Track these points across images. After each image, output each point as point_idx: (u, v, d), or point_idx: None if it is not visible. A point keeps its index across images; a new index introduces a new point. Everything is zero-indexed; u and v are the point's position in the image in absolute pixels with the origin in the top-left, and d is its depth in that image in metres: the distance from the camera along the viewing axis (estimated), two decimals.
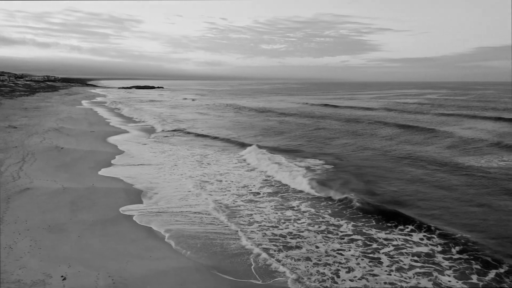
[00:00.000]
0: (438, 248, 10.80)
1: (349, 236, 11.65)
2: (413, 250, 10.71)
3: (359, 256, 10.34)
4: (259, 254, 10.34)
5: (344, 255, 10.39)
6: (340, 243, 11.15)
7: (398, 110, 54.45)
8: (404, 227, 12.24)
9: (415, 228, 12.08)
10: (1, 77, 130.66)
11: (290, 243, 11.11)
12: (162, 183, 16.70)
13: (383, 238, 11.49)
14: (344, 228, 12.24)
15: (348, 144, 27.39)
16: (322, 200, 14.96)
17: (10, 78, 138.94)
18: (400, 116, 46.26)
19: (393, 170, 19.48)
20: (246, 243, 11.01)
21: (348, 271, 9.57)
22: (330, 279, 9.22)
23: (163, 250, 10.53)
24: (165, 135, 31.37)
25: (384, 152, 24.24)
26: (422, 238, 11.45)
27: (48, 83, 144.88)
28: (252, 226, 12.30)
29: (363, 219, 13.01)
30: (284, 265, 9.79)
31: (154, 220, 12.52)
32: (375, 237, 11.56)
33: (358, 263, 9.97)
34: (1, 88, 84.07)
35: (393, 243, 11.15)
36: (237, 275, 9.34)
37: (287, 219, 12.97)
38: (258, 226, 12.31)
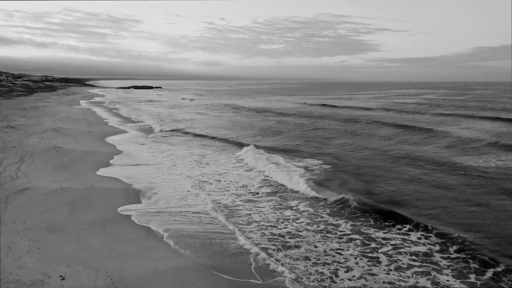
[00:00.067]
0: (436, 247, 10.84)
1: (348, 236, 11.68)
2: (411, 250, 10.75)
3: (358, 256, 10.37)
4: (258, 254, 10.36)
5: (343, 255, 10.42)
6: (339, 243, 11.18)
7: (397, 110, 54.55)
8: (402, 226, 12.27)
9: (413, 228, 12.11)
10: None
11: (289, 243, 11.13)
12: (161, 183, 16.70)
13: (381, 238, 11.52)
14: (343, 228, 12.28)
15: (347, 144, 27.43)
16: (321, 200, 14.98)
17: (8, 78, 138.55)
18: (399, 116, 46.35)
19: (391, 170, 19.53)
20: (245, 243, 11.02)
21: (347, 271, 9.60)
22: (329, 279, 9.24)
23: (162, 250, 10.54)
24: (164, 135, 31.36)
25: (383, 152, 24.29)
26: (420, 238, 11.49)
27: (46, 83, 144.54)
28: (251, 226, 12.32)
29: (361, 219, 13.05)
30: (283, 265, 9.81)
31: (153, 220, 12.53)
32: (374, 237, 11.59)
33: (357, 263, 10.00)
34: None
35: (391, 243, 11.19)
36: (236, 275, 9.36)
37: (286, 219, 13.00)
38: (257, 226, 12.33)
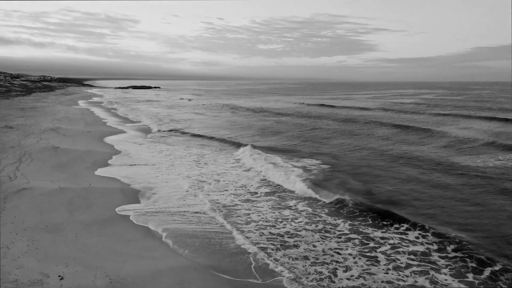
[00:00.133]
0: (434, 247, 10.88)
1: (346, 235, 11.71)
2: (409, 249, 10.79)
3: (357, 255, 10.40)
4: (257, 253, 10.37)
5: (342, 254, 10.45)
6: (338, 242, 11.20)
7: (395, 110, 54.63)
8: (400, 226, 12.32)
9: (410, 227, 12.15)
10: None
11: (288, 242, 11.15)
12: (159, 183, 16.70)
13: (380, 237, 11.56)
14: (341, 227, 12.30)
15: (345, 144, 27.47)
16: (319, 200, 15.00)
17: (6, 78, 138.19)
18: (397, 116, 46.42)
19: (390, 170, 19.57)
20: (244, 242, 11.03)
21: (346, 270, 9.62)
22: (328, 278, 9.27)
23: (161, 250, 10.55)
24: (162, 135, 31.35)
25: (381, 152, 24.33)
26: (418, 237, 11.52)
27: (44, 83, 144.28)
28: (250, 225, 12.33)
29: (360, 218, 13.08)
30: (282, 264, 9.83)
31: (152, 220, 12.53)
32: (372, 236, 11.63)
33: (356, 262, 10.02)
34: None
35: (390, 242, 11.22)
36: (235, 274, 9.37)
37: (285, 218, 13.02)
38: (256, 225, 12.35)
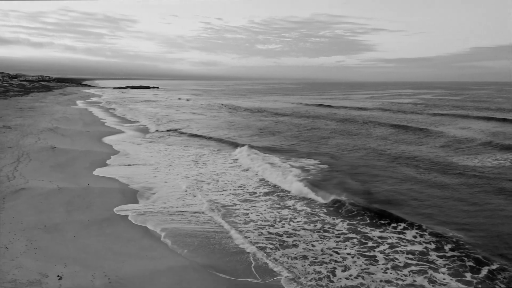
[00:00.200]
0: (432, 246, 10.91)
1: (345, 235, 11.73)
2: (408, 248, 10.82)
3: (355, 255, 10.42)
4: (256, 253, 10.39)
5: (340, 254, 10.47)
6: (336, 242, 11.23)
7: (393, 110, 54.73)
8: (397, 225, 12.36)
9: (408, 226, 12.19)
10: None
11: (287, 242, 11.17)
12: (158, 183, 16.70)
13: (378, 237, 11.58)
14: (340, 227, 12.33)
15: (343, 144, 27.51)
16: (317, 200, 15.01)
17: (4, 78, 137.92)
18: (395, 116, 46.51)
19: (388, 170, 19.61)
20: (243, 242, 11.04)
21: (344, 270, 9.64)
22: (327, 278, 9.29)
23: (160, 249, 10.55)
24: (160, 135, 31.34)
25: (379, 152, 24.38)
26: (416, 236, 11.56)
27: (43, 83, 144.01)
28: (249, 225, 12.34)
29: (358, 217, 13.11)
30: (281, 264, 9.85)
31: (150, 220, 12.53)
32: (370, 236, 11.65)
33: (354, 262, 10.05)
34: None
35: (388, 241, 11.25)
36: (234, 274, 9.38)
37: (283, 218, 13.03)
38: (255, 225, 12.36)
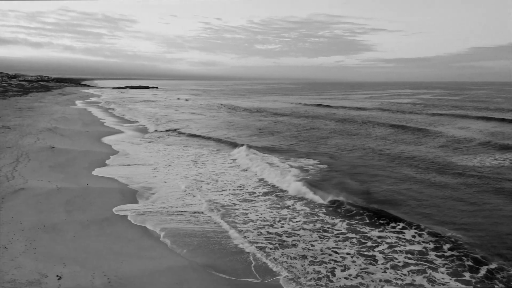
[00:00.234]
0: (431, 246, 10.93)
1: (344, 234, 11.75)
2: (407, 248, 10.83)
3: (354, 254, 10.44)
4: (255, 253, 10.40)
5: (339, 253, 10.49)
6: (335, 242, 11.24)
7: (392, 110, 54.78)
8: (396, 224, 12.38)
9: (406, 226, 12.21)
10: None
11: (286, 242, 11.18)
12: (157, 183, 16.70)
13: (377, 236, 11.60)
14: (339, 227, 12.34)
15: (342, 144, 27.53)
16: (316, 200, 15.02)
17: (3, 78, 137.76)
18: (394, 116, 46.56)
19: (387, 169, 19.64)
20: (242, 242, 11.06)
21: (344, 269, 9.66)
22: (326, 277, 9.30)
23: (159, 249, 10.55)
24: (160, 135, 31.34)
25: (378, 152, 24.40)
26: (414, 236, 11.58)
27: (42, 83, 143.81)
28: (248, 225, 12.35)
29: (357, 217, 13.12)
30: (281, 264, 9.86)
31: (149, 220, 12.53)
32: (369, 235, 11.67)
33: (354, 261, 10.06)
34: None
35: (387, 241, 11.27)
36: (234, 274, 9.39)
37: (283, 218, 13.05)
38: (254, 225, 12.37)
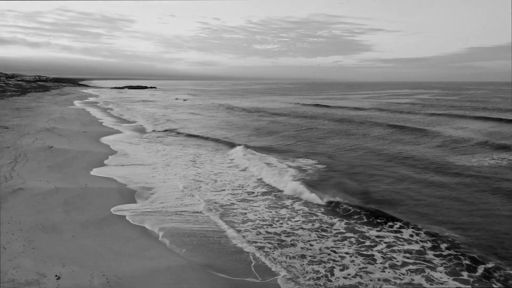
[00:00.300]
0: (428, 245, 10.96)
1: (342, 234, 11.77)
2: (405, 247, 10.86)
3: (353, 254, 10.46)
4: (254, 252, 10.42)
5: (338, 253, 10.51)
6: (334, 241, 11.27)
7: (390, 110, 54.86)
8: (393, 224, 12.42)
9: (404, 225, 12.24)
10: None
11: (285, 241, 11.20)
12: (156, 183, 16.69)
13: (375, 236, 11.63)
14: (337, 226, 12.37)
15: (340, 144, 27.57)
16: (315, 199, 15.04)
17: (1, 78, 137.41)
18: (392, 116, 46.64)
19: (385, 169, 19.68)
20: (241, 241, 11.07)
21: (343, 269, 9.68)
22: (325, 277, 9.32)
23: (158, 249, 10.56)
24: (158, 135, 31.32)
25: (376, 152, 24.45)
26: (412, 235, 11.61)
27: (40, 83, 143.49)
28: (246, 224, 12.37)
29: (355, 216, 13.15)
30: (280, 263, 9.88)
31: (148, 219, 12.53)
32: (368, 235, 11.70)
33: (352, 261, 10.09)
34: None
35: (385, 241, 11.30)
36: (233, 274, 9.40)
37: (281, 217, 13.07)
38: (253, 225, 12.39)
